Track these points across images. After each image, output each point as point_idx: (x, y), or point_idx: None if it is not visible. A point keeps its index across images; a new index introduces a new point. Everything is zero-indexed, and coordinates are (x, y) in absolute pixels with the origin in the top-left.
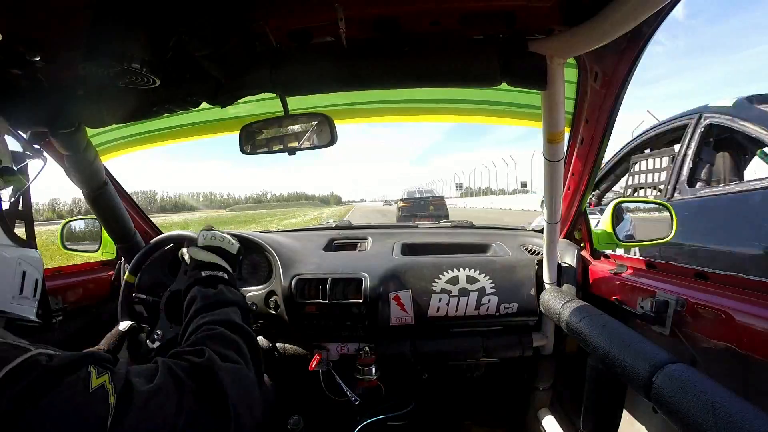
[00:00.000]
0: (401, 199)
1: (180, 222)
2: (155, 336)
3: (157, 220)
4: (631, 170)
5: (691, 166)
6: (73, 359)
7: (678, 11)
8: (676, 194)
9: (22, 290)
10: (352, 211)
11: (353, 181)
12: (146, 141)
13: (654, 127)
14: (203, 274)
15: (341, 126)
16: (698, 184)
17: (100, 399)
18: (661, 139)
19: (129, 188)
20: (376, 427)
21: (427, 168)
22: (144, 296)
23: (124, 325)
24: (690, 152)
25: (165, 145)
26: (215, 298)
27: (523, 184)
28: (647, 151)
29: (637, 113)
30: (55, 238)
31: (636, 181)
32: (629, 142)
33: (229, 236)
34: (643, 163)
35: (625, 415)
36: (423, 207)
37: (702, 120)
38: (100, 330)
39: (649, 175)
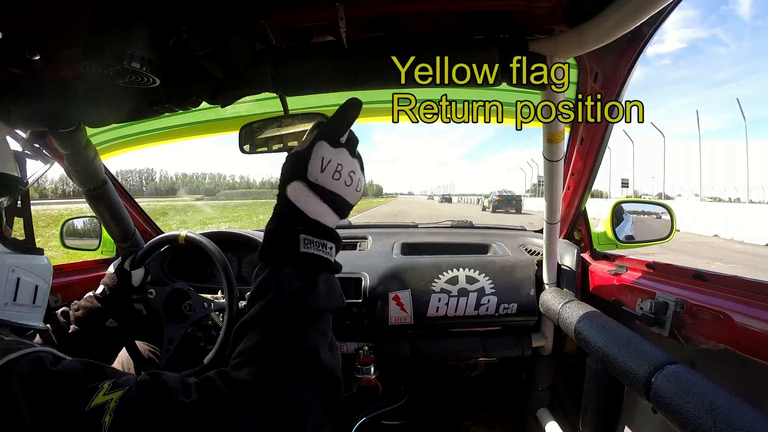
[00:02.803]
0: (497, 195)
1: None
2: (167, 345)
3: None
4: None
5: None
6: (78, 371)
7: (744, 11)
8: None
9: (16, 297)
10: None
11: (402, 172)
12: (146, 140)
13: None
14: (302, 246)
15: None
16: None
17: (93, 418)
18: None
19: (122, 166)
20: (374, 425)
21: (478, 163)
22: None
23: (111, 269)
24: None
25: (165, 144)
26: (302, 307)
27: (624, 183)
28: None
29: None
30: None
31: None
32: None
33: (351, 167)
34: None
35: (624, 416)
36: (509, 202)
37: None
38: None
39: None
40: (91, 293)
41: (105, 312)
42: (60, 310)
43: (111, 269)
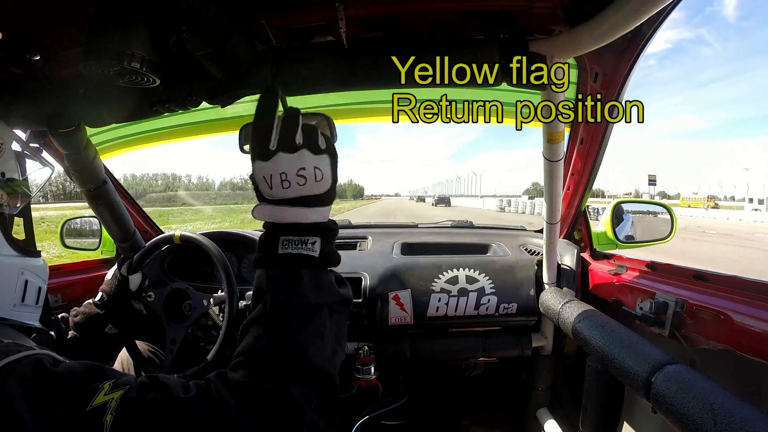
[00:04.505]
0: (439, 196)
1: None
2: (170, 346)
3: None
4: None
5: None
6: (79, 372)
7: (729, 13)
8: None
9: (24, 299)
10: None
11: (390, 174)
12: (146, 140)
13: None
14: (280, 248)
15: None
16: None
17: (94, 418)
18: None
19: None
20: (373, 425)
21: (464, 164)
22: (148, 294)
23: (108, 276)
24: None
25: (164, 144)
26: (287, 306)
27: (651, 179)
28: None
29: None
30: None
31: None
32: None
33: (309, 161)
34: None
35: (624, 416)
36: (443, 200)
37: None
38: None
39: None
40: (89, 300)
41: (104, 318)
42: (59, 316)
43: (108, 276)
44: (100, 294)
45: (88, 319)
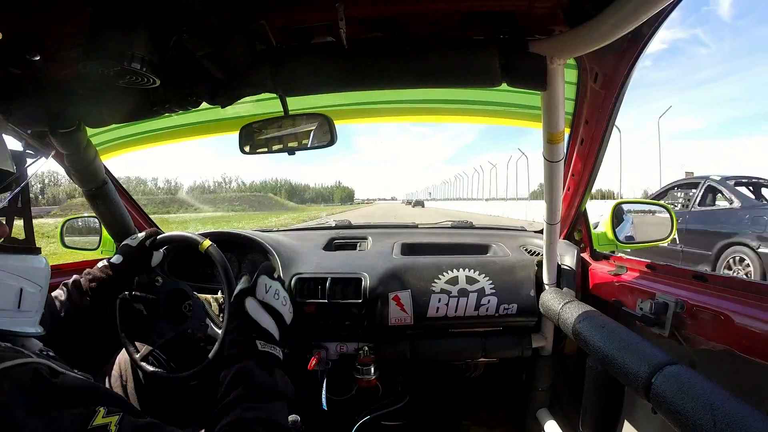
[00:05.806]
0: (416, 200)
1: None
2: (155, 337)
3: None
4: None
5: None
6: (80, 388)
7: (724, 11)
8: (691, 208)
9: (20, 305)
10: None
11: (385, 176)
12: (146, 141)
13: (681, 180)
14: (260, 346)
15: (368, 124)
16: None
17: None
18: (684, 187)
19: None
20: (374, 425)
21: (460, 167)
22: (142, 294)
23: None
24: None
25: (165, 144)
26: (267, 389)
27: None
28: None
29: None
30: None
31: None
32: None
33: (285, 294)
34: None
35: (624, 416)
36: (419, 203)
37: (705, 182)
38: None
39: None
40: (105, 261)
41: (117, 284)
42: (71, 279)
43: (129, 242)
44: (119, 256)
45: (100, 285)
